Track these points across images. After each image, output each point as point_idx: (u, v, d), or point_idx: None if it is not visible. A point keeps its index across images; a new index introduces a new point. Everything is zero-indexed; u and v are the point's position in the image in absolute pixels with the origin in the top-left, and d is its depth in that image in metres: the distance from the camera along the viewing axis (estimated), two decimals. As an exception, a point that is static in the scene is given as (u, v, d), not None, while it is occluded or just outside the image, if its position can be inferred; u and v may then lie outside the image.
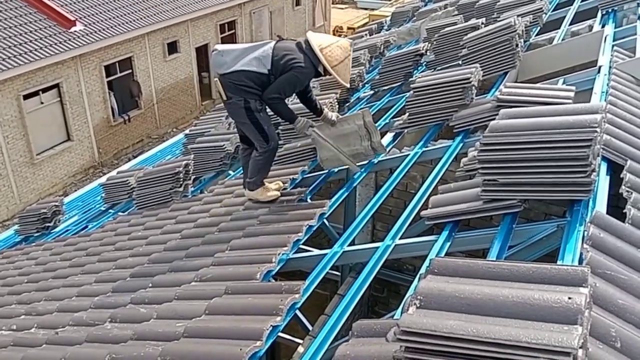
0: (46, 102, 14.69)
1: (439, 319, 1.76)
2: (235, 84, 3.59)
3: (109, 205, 6.50)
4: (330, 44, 3.67)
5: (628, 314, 2.09)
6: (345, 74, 3.78)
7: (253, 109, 3.62)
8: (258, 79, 3.57)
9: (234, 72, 3.58)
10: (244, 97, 3.60)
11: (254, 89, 3.59)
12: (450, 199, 3.19)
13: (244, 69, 3.56)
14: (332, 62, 3.65)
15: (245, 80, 3.56)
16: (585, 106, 2.96)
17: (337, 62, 3.65)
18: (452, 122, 4.34)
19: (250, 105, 3.61)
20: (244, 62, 3.56)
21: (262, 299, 2.78)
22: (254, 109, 3.62)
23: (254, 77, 3.56)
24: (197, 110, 19.85)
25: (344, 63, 3.70)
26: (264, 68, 3.57)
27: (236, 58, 3.59)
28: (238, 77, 3.57)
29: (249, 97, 3.60)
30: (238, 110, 3.67)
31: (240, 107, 3.63)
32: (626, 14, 6.29)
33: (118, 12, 16.70)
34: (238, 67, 3.57)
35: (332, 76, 3.73)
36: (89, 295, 3.94)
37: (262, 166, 3.93)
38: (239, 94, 3.60)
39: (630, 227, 2.58)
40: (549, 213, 4.47)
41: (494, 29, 5.37)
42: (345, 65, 3.73)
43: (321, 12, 27.86)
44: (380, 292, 5.84)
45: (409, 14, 12.21)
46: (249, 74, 3.56)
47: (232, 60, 3.59)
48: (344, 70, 3.74)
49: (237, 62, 3.57)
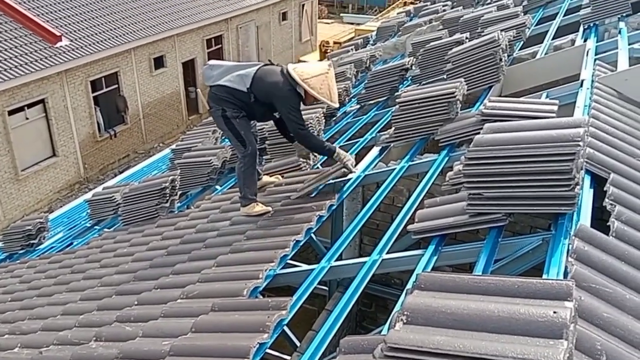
0: (31, 117, 14.59)
1: (426, 334, 1.76)
2: (217, 95, 4.00)
3: (95, 221, 6.45)
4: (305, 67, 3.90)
5: (613, 327, 2.10)
6: (325, 91, 3.82)
7: (229, 117, 3.98)
8: (237, 94, 3.94)
9: (217, 86, 3.99)
10: (222, 107, 3.98)
11: (231, 102, 3.96)
12: (436, 213, 3.20)
13: (225, 84, 3.95)
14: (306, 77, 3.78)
15: (225, 94, 3.96)
16: (568, 120, 3.00)
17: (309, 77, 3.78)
18: (438, 136, 4.37)
19: (227, 114, 3.98)
20: (227, 78, 3.95)
21: (248, 315, 2.76)
22: (230, 116, 3.98)
23: (233, 92, 3.94)
24: (184, 125, 19.81)
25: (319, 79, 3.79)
26: (243, 86, 3.92)
27: (222, 73, 4.00)
28: (219, 90, 3.98)
29: (227, 107, 3.97)
30: (218, 118, 4.06)
31: (219, 116, 4.02)
32: (607, 28, 6.40)
33: (104, 27, 16.69)
34: (222, 81, 3.97)
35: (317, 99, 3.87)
36: (74, 314, 3.88)
37: (246, 175, 4.13)
38: (218, 104, 3.99)
39: (614, 239, 2.60)
40: (535, 226, 4.50)
41: (478, 43, 5.43)
42: (323, 82, 3.80)
43: (307, 27, 28.05)
44: (368, 307, 5.82)
45: (394, 29, 12.34)
46: (229, 89, 3.95)
47: (218, 75, 4.01)
48: (323, 87, 3.81)
49: (222, 77, 3.98)
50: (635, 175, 3.22)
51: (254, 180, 4.18)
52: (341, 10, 39.78)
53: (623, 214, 2.79)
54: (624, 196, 2.95)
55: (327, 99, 3.86)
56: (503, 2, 8.72)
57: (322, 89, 3.80)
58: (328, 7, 38.93)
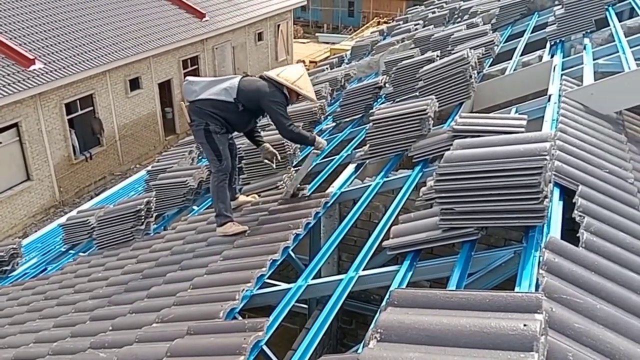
0: (4, 141, 14.36)
1: (400, 351, 1.77)
2: (201, 109, 4.08)
3: (69, 246, 6.34)
4: (284, 69, 4.24)
5: (584, 337, 2.13)
6: (308, 88, 4.23)
7: (212, 131, 4.09)
8: (223, 106, 4.07)
9: (201, 100, 4.08)
10: (206, 121, 4.07)
11: (216, 115, 4.08)
12: (410, 229, 3.23)
13: (211, 97, 4.07)
14: (291, 79, 4.13)
15: (210, 108, 4.07)
16: (535, 135, 3.07)
17: (295, 79, 4.14)
18: (411, 153, 4.42)
19: (210, 128, 4.08)
20: (211, 91, 4.08)
21: (225, 338, 2.73)
22: (212, 131, 4.09)
23: (219, 104, 4.07)
24: (160, 146, 19.69)
25: (302, 79, 4.17)
26: (230, 97, 4.07)
27: (204, 87, 4.12)
28: (204, 104, 4.07)
29: (210, 121, 4.07)
30: (199, 132, 4.12)
31: (201, 129, 4.09)
32: (573, 44, 6.58)
33: (78, 49, 16.57)
34: (206, 95, 4.08)
35: (300, 95, 4.18)
36: (47, 341, 3.80)
37: (219, 189, 4.20)
38: (202, 117, 4.08)
39: (584, 250, 2.65)
40: (509, 238, 4.56)
41: (448, 61, 5.54)
42: (304, 81, 4.18)
43: (284, 47, 28.25)
44: (348, 324, 5.81)
45: (368, 48, 12.50)
46: (215, 102, 4.06)
47: (200, 89, 4.12)
48: (306, 85, 4.19)
49: (205, 91, 4.10)
50: (602, 186, 3.30)
51: (226, 195, 4.26)
52: (316, 30, 40.28)
53: (592, 225, 2.85)
54: (592, 207, 3.02)
55: (313, 96, 4.30)
56: (472, 20, 8.91)
57: (308, 88, 4.22)
58: (303, 27, 39.38)
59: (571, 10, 6.81)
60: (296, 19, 34.41)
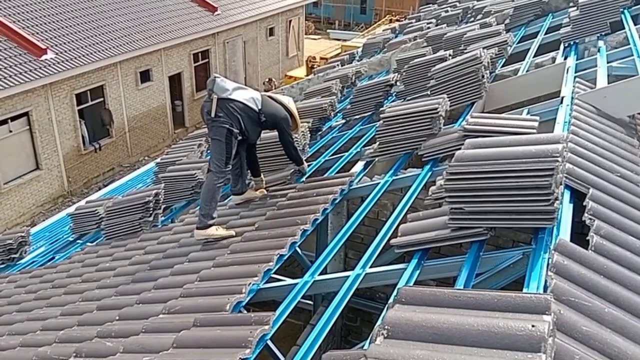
0: (15, 130, 14.44)
1: (406, 349, 1.77)
2: (232, 110, 4.19)
3: (77, 235, 6.38)
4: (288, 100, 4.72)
5: (592, 340, 2.12)
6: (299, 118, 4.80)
7: (233, 134, 4.18)
8: (251, 113, 4.29)
9: (234, 100, 4.20)
10: (232, 122, 4.17)
11: (241, 119, 4.22)
12: (419, 227, 3.22)
13: (243, 102, 4.25)
14: (294, 111, 4.66)
15: (239, 111, 4.22)
16: (547, 136, 3.05)
17: (296, 110, 4.69)
18: (421, 151, 4.41)
19: (233, 130, 4.17)
20: (242, 95, 4.26)
21: (231, 331, 2.74)
22: (234, 134, 4.19)
23: (248, 110, 4.27)
24: (169, 139, 19.74)
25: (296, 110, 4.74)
26: (256, 107, 4.33)
27: (235, 90, 4.26)
28: (237, 105, 4.21)
29: (235, 123, 4.18)
30: (221, 129, 4.16)
31: (225, 128, 4.15)
32: (587, 46, 6.53)
33: (90, 40, 16.63)
34: (239, 98, 4.24)
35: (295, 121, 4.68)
36: (54, 329, 3.83)
37: (215, 191, 4.20)
38: (230, 117, 4.17)
39: (593, 254, 2.64)
40: (517, 240, 4.54)
41: (460, 60, 5.51)
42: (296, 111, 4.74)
43: (294, 43, 28.23)
44: (353, 321, 5.81)
45: (379, 45, 12.46)
46: (246, 107, 4.26)
47: (232, 90, 4.24)
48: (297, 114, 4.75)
49: (236, 93, 4.24)
50: (613, 190, 3.27)
51: (218, 199, 4.29)
52: (328, 26, 40.17)
53: (602, 229, 2.83)
54: (602, 211, 3.00)
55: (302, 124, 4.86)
56: (486, 20, 8.86)
57: (298, 118, 4.72)
58: (315, 23, 39.30)
59: (586, 12, 6.75)
60: (308, 15, 34.33)
